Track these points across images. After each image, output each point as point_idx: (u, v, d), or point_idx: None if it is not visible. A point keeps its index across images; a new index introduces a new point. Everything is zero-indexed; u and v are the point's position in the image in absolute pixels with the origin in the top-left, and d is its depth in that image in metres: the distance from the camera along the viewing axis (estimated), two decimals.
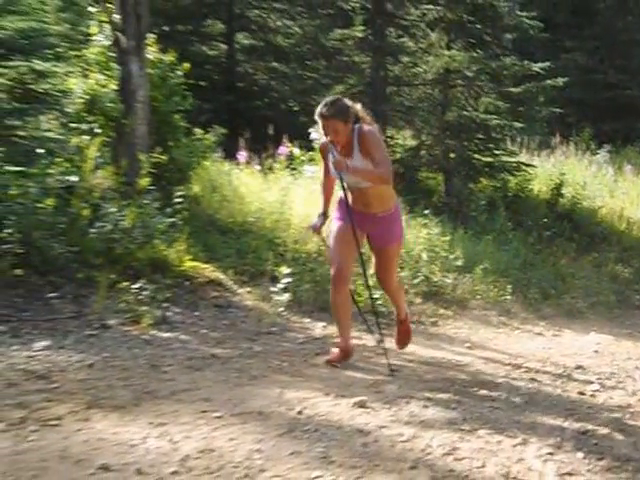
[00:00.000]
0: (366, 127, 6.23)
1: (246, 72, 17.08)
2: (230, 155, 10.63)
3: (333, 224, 6.50)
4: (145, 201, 8.01)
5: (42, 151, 7.78)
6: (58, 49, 8.48)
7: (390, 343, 6.95)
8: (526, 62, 14.85)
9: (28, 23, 7.93)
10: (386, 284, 6.82)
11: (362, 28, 15.06)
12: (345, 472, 4.12)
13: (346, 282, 6.39)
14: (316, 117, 6.23)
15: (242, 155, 10.63)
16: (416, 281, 9.13)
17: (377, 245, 6.62)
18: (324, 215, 6.60)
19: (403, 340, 7.04)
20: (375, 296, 8.27)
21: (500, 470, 4.36)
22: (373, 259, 6.79)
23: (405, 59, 15.55)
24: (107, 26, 8.90)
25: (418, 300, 8.97)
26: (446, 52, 14.78)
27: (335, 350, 6.46)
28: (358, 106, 6.36)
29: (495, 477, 4.27)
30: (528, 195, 14.79)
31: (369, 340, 7.19)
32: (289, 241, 8.85)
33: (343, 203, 6.45)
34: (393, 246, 6.60)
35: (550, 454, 4.69)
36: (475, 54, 14.79)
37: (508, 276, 10.59)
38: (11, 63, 7.83)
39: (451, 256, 9.97)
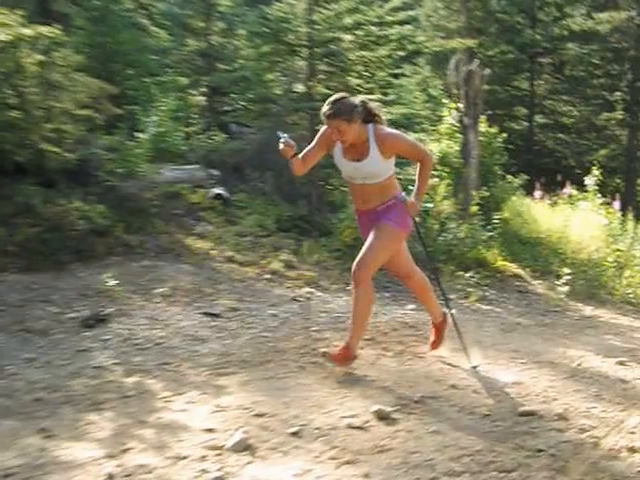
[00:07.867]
0: (385, 130, 4.05)
1: (540, 140, 16.99)
2: (529, 194, 10.37)
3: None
4: (474, 221, 8.05)
5: None
6: (423, 125, 8.80)
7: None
8: None
9: (407, 110, 8.45)
10: (362, 267, 4.03)
11: (622, 112, 14.94)
12: (612, 406, 3.98)
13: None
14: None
15: (537, 194, 10.27)
16: None
17: (374, 225, 4.15)
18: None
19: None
20: (628, 291, 7.77)
21: None
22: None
23: None
24: (454, 111, 9.09)
25: None
26: None
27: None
28: (372, 104, 4.13)
29: None
30: None
31: (624, 320, 6.74)
32: (568, 251, 8.41)
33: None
34: (389, 224, 4.10)
35: None
36: None
37: None
38: None
39: None
